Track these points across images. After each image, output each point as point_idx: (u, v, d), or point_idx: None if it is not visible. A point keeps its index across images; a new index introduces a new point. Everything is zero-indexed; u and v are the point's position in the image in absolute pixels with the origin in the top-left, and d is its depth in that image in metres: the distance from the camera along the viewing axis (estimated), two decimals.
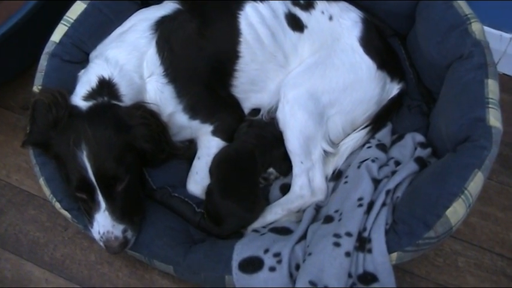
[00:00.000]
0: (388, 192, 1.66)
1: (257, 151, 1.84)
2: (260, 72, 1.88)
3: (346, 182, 1.76)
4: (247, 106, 1.96)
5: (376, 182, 1.70)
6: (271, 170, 1.92)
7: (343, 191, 1.73)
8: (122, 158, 1.55)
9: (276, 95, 1.90)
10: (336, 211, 1.67)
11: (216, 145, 1.87)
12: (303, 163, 1.82)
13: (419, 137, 1.86)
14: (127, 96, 1.68)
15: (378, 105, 1.90)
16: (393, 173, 1.74)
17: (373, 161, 1.74)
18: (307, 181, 1.82)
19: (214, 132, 1.87)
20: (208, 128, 1.87)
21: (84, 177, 1.52)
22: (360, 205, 1.62)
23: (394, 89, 1.93)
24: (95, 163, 1.50)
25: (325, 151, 1.85)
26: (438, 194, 1.53)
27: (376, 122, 1.91)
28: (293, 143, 1.82)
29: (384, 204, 1.63)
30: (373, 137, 1.88)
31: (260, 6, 1.88)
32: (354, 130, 1.89)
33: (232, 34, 1.85)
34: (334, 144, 1.89)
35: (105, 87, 1.66)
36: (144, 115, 1.63)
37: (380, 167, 1.74)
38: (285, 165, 1.90)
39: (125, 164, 1.56)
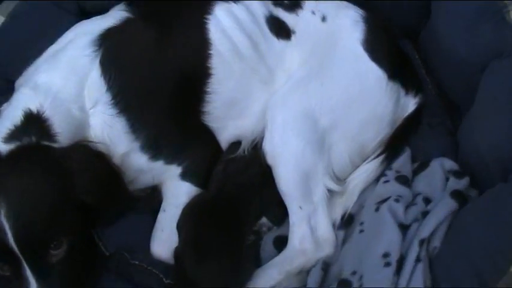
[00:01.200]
0: (422, 242, 1.23)
1: (242, 200, 1.40)
2: (239, 92, 1.49)
3: (362, 231, 1.33)
4: (224, 138, 1.54)
5: (404, 228, 1.27)
6: (263, 220, 1.47)
7: (360, 243, 1.30)
8: (56, 216, 1.19)
9: (261, 121, 1.49)
10: (354, 273, 1.24)
11: (186, 192, 1.46)
12: (302, 208, 1.39)
13: (450, 164, 1.45)
14: (63, 135, 1.31)
15: (391, 126, 1.50)
16: (424, 214, 1.31)
17: (396, 200, 1.31)
18: (309, 231, 1.39)
19: (184, 176, 1.46)
20: (176, 170, 1.45)
21: (2, 244, 1.13)
22: (387, 264, 1.20)
23: (411, 103, 1.53)
24: (17, 224, 1.13)
25: (329, 190, 1.43)
26: (496, 240, 1.10)
27: (391, 147, 1.50)
28: (287, 182, 1.40)
29: (418, 260, 1.20)
30: (389, 168, 1.46)
31: (234, 7, 1.48)
32: (364, 160, 1.47)
33: (200, 45, 1.45)
34: (340, 180, 1.47)
35: (33, 123, 1.30)
36: (87, 158, 1.28)
37: (406, 208, 1.31)
38: (280, 211, 1.46)
39: (61, 225, 1.19)
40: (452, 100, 1.58)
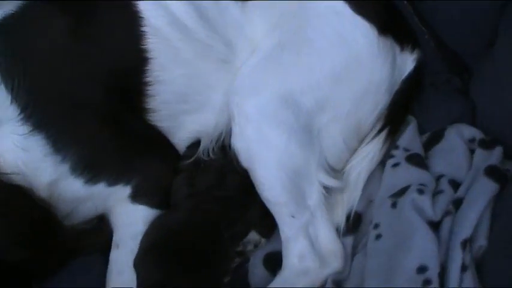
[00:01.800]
0: (464, 243, 0.92)
1: (223, 221, 1.07)
2: (191, 78, 1.16)
3: (379, 237, 1.01)
4: (181, 139, 1.21)
5: (434, 227, 0.96)
6: (249, 237, 1.15)
7: (380, 253, 0.99)
8: None
9: (226, 111, 1.13)
10: None
11: (141, 218, 1.12)
12: (294, 217, 1.08)
13: (471, 131, 1.15)
14: None
15: (389, 93, 1.18)
16: (456, 203, 1.00)
17: (420, 191, 1.00)
18: (308, 244, 1.09)
19: (135, 197, 1.12)
20: (123, 191, 1.12)
21: None
22: (427, 282, 0.88)
23: (408, 61, 1.21)
24: None
25: (325, 187, 1.11)
26: None
27: (393, 119, 1.19)
28: (271, 188, 1.09)
29: (464, 268, 0.89)
30: (394, 146, 1.14)
31: None
32: (362, 141, 1.14)
33: (129, 23, 1.08)
34: (337, 171, 1.14)
35: None
36: None
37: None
38: (267, 221, 1.13)
39: None
40: (455, 51, 1.26)
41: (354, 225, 1.11)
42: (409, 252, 0.93)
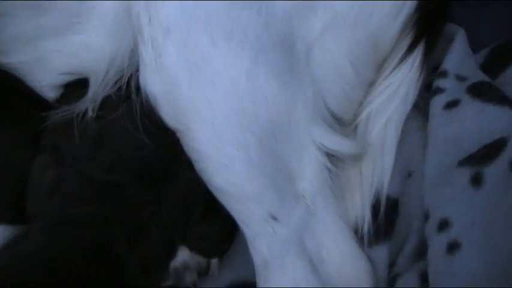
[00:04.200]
0: None
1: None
2: None
3: (456, 248, 0.49)
4: (47, 79, 0.63)
5: None
6: (183, 257, 0.60)
7: (467, 281, 0.46)
8: None
9: (125, 24, 0.57)
10: None
11: None
12: (277, 219, 0.56)
13: None
14: None
15: None
16: None
17: None
18: (308, 269, 0.57)
19: None
20: None
21: None
22: None
23: None
24: None
25: (328, 154, 0.58)
26: None
27: (428, 28, 0.66)
28: (227, 165, 0.57)
29: None
30: (440, 74, 0.65)
31: None
32: (382, 69, 0.63)
33: None
34: (345, 123, 0.62)
35: None
36: None
37: None
38: (216, 227, 0.59)
39: None
40: None
41: (387, 222, 0.59)
42: None
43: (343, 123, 0.61)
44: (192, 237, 0.61)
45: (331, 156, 0.59)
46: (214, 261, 0.65)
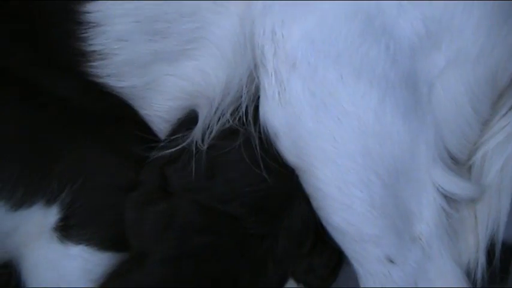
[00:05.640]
0: None
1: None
2: None
3: None
4: (156, 109, 0.63)
5: None
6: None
7: None
8: None
9: (243, 53, 0.57)
10: None
11: (78, 269, 0.58)
12: (393, 262, 0.54)
13: None
14: None
15: None
16: None
17: None
18: None
19: (64, 229, 0.57)
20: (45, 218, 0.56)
21: None
22: None
23: None
24: None
25: (445, 196, 0.55)
26: None
27: None
28: (348, 206, 0.54)
29: None
30: None
31: None
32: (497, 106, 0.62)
33: None
34: (459, 163, 0.59)
35: None
36: None
37: None
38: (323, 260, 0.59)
39: None
40: None
41: (502, 268, 0.57)
42: None
43: (458, 163, 0.59)
44: (300, 269, 0.60)
45: (447, 198, 0.58)
46: None
